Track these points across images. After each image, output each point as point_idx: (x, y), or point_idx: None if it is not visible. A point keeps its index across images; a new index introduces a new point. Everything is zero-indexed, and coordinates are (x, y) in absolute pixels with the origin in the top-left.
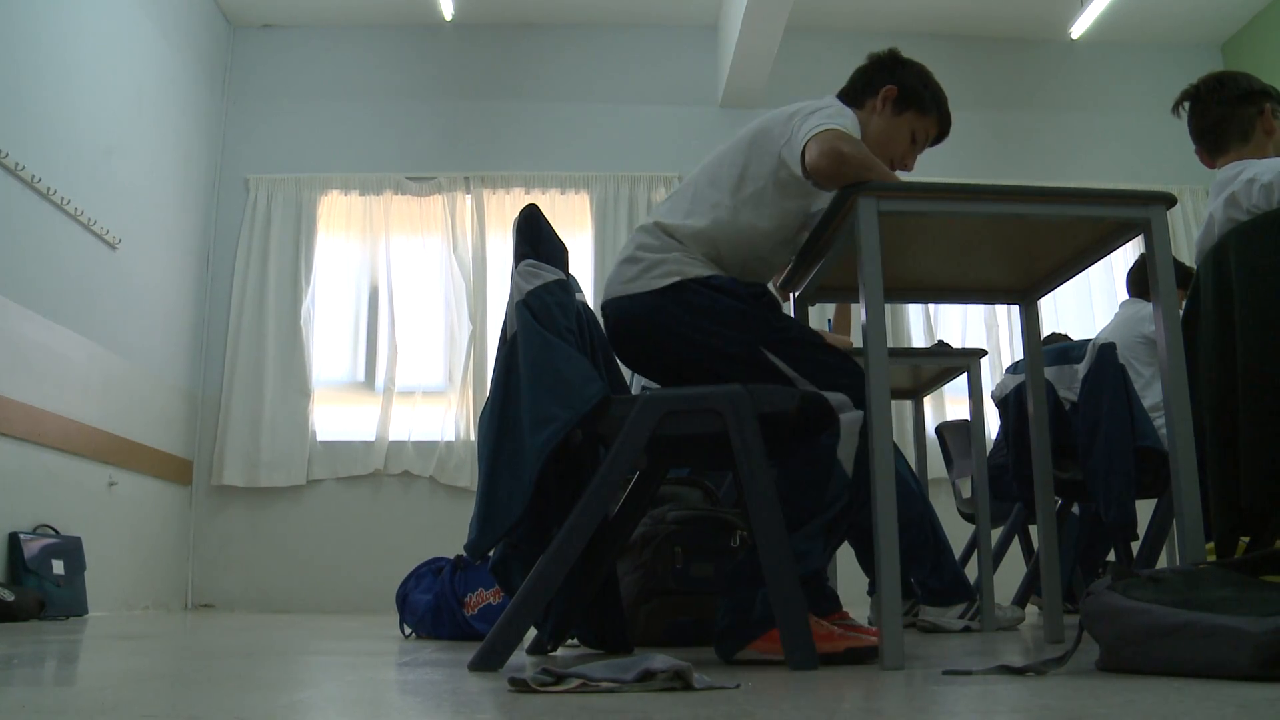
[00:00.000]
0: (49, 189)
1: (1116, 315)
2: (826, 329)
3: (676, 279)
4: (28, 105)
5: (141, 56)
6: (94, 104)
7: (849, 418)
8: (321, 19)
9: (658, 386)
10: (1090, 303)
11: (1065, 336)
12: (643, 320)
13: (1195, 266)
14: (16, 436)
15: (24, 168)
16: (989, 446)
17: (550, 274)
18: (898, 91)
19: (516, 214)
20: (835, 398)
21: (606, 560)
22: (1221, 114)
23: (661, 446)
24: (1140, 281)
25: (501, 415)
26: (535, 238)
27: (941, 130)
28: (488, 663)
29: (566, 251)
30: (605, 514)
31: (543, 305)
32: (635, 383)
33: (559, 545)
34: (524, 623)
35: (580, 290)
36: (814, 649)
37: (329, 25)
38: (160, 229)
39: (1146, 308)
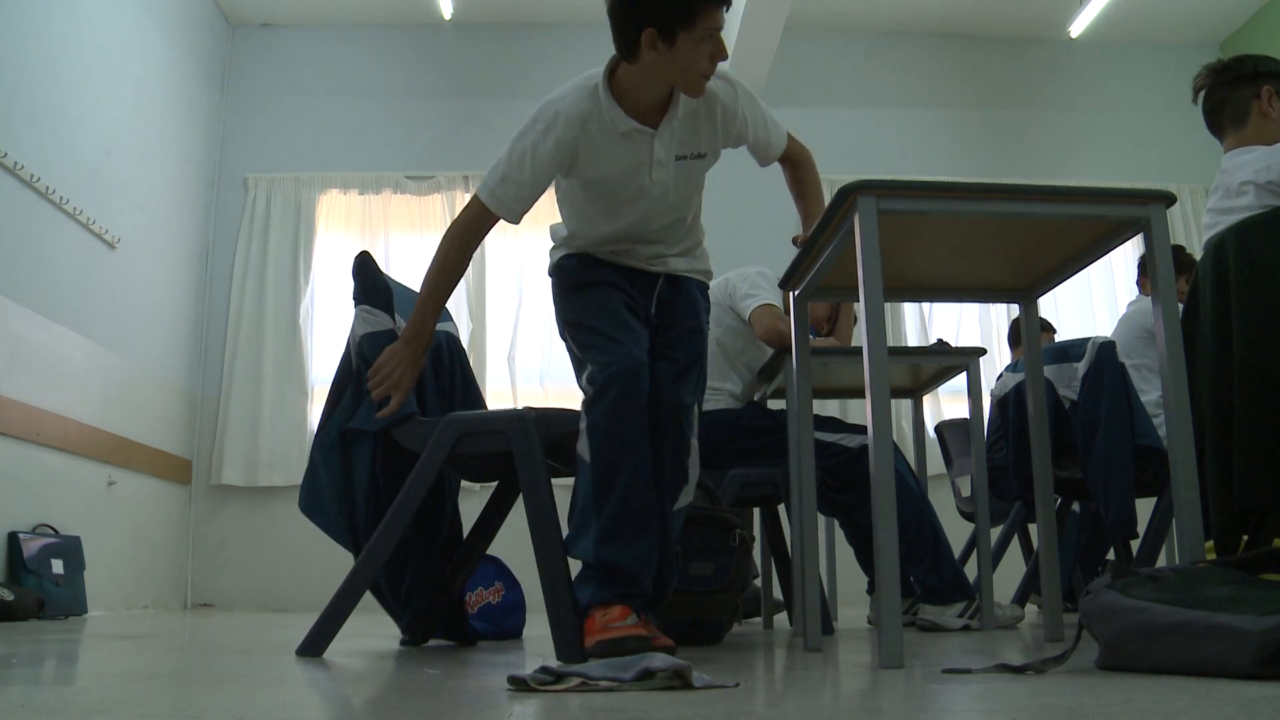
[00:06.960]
0: (48, 188)
1: (1124, 315)
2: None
3: (550, 268)
4: (26, 104)
5: (140, 56)
6: (93, 103)
7: (584, 407)
8: (320, 18)
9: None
10: (1090, 302)
11: (1045, 321)
12: None
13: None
14: (15, 436)
15: (23, 167)
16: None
17: (384, 323)
18: (656, 31)
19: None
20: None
21: (465, 566)
22: (1219, 97)
23: (464, 464)
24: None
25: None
26: (367, 283)
27: None
28: (311, 649)
29: (391, 294)
30: (442, 520)
31: (375, 350)
32: None
33: (370, 547)
34: (341, 614)
35: (449, 319)
36: (580, 645)
37: (328, 24)
38: (159, 228)
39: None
